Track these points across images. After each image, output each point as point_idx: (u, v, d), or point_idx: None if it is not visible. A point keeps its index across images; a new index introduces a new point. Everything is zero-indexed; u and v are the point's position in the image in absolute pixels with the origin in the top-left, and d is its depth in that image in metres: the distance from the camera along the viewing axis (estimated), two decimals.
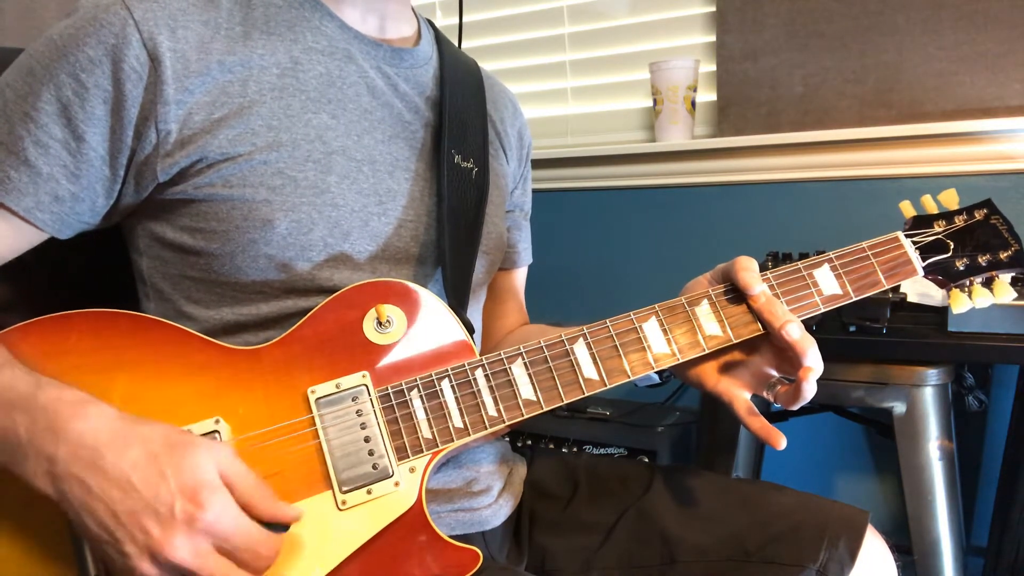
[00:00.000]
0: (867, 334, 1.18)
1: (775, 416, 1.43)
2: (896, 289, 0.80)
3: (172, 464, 0.58)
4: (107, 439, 0.58)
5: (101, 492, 0.57)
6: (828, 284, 0.79)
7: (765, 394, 0.77)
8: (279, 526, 0.62)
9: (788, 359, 0.75)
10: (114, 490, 0.57)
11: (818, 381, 0.73)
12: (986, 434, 1.51)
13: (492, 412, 0.72)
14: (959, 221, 0.82)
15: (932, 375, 1.23)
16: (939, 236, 0.82)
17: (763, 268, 0.78)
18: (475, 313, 0.91)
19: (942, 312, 1.17)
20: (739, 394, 0.78)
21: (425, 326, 0.74)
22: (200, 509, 0.56)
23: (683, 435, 1.58)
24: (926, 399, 1.24)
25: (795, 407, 0.73)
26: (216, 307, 0.75)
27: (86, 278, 0.87)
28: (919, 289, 1.19)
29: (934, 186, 1.45)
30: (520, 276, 1.07)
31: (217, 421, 0.67)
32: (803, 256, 1.31)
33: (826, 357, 0.74)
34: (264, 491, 0.61)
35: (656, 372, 0.76)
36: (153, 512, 0.56)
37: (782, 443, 0.74)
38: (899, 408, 1.26)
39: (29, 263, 0.74)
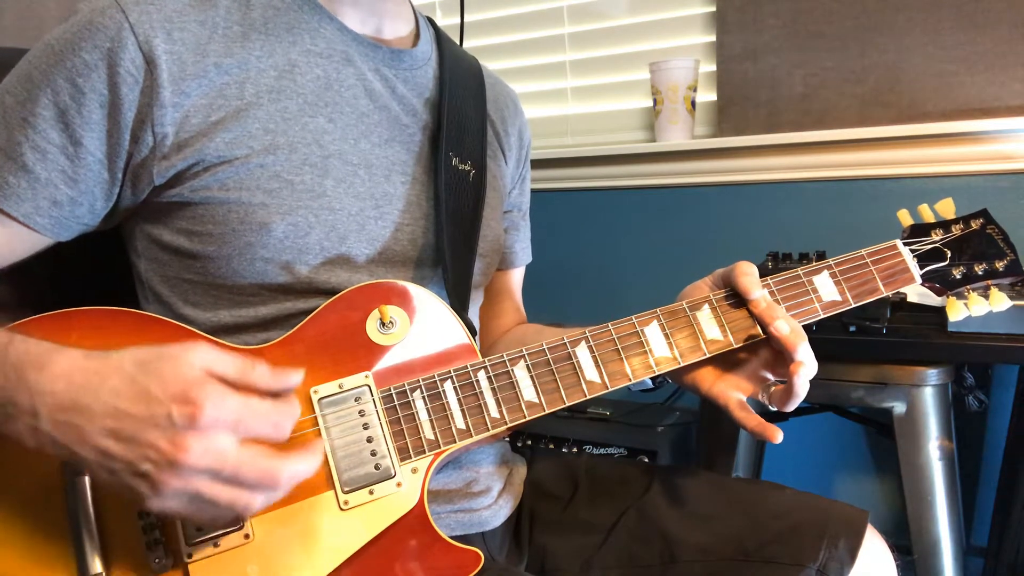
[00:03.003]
0: (867, 334, 1.19)
1: (775, 417, 1.43)
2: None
3: (152, 378, 0.55)
4: (81, 379, 0.56)
5: (94, 427, 0.55)
6: (827, 290, 0.79)
7: (760, 397, 0.77)
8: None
9: (784, 361, 0.75)
10: (107, 420, 0.55)
11: (818, 381, 0.73)
12: (986, 434, 1.51)
13: (494, 413, 0.72)
14: (956, 230, 0.83)
15: (932, 375, 1.23)
16: (936, 245, 0.82)
17: (763, 268, 0.78)
18: (473, 314, 0.91)
19: (942, 312, 1.17)
20: (735, 396, 0.78)
21: (428, 327, 0.74)
22: (197, 407, 0.54)
23: (683, 435, 1.58)
24: (926, 399, 1.24)
25: (789, 407, 0.74)
26: (213, 309, 0.75)
27: (86, 280, 0.87)
28: (919, 289, 1.19)
29: (934, 186, 1.46)
30: (517, 276, 1.07)
31: None
32: (803, 256, 1.31)
33: (826, 357, 0.74)
34: (257, 367, 0.59)
35: (650, 377, 0.76)
36: (154, 427, 0.54)
37: (778, 436, 0.74)
38: (899, 408, 1.26)
39: (29, 265, 0.74)
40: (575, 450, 1.61)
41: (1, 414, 0.58)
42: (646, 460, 1.56)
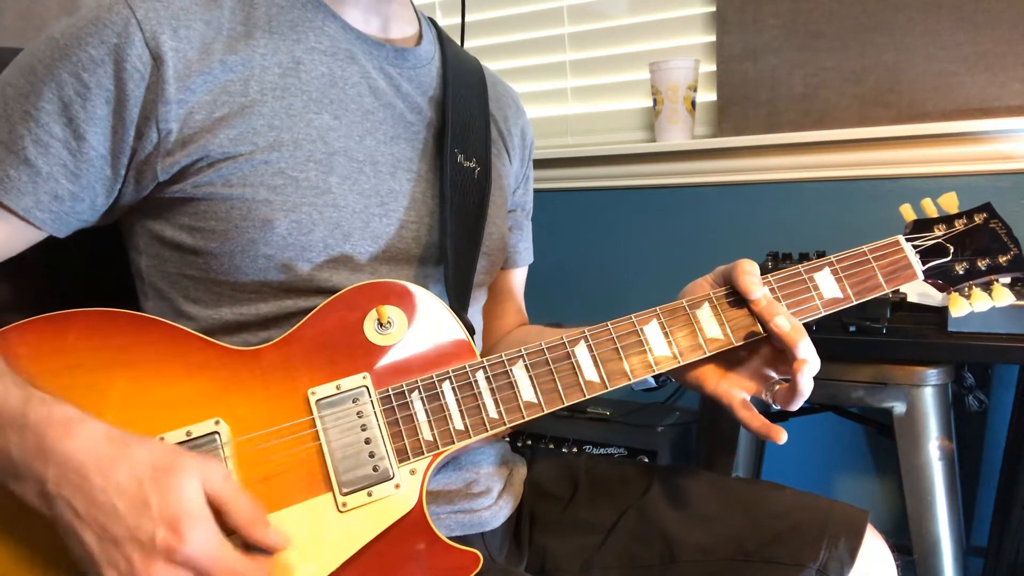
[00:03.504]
0: (867, 334, 1.19)
1: (775, 417, 1.43)
2: (896, 289, 0.81)
3: (156, 491, 0.57)
4: (94, 462, 0.58)
5: (87, 516, 0.57)
6: (829, 287, 0.79)
7: (764, 396, 0.77)
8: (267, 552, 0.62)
9: (786, 359, 0.75)
10: (100, 515, 0.57)
11: (818, 381, 0.73)
12: (986, 434, 1.51)
13: (493, 414, 0.72)
14: (959, 225, 0.83)
15: (932, 375, 1.23)
16: (939, 240, 0.82)
17: (763, 268, 0.78)
18: (475, 314, 0.91)
19: (942, 312, 1.17)
20: (738, 396, 0.78)
21: (426, 327, 0.74)
22: (180, 541, 0.56)
23: (683, 435, 1.58)
24: (926, 399, 1.24)
25: (794, 406, 0.73)
26: (215, 306, 0.75)
27: (85, 277, 0.87)
28: (919, 289, 1.19)
29: (934, 186, 1.46)
30: (520, 276, 1.06)
31: (217, 422, 0.66)
32: (803, 256, 1.31)
33: (826, 357, 0.74)
34: (255, 513, 0.61)
35: (652, 376, 0.76)
36: (135, 541, 0.56)
37: (783, 437, 0.74)
38: (899, 408, 1.26)
39: (28, 262, 0.74)
40: (575, 450, 1.61)
41: (13, 473, 0.59)
42: (646, 460, 1.55)
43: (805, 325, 0.75)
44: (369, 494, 0.67)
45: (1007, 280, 0.83)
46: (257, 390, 0.69)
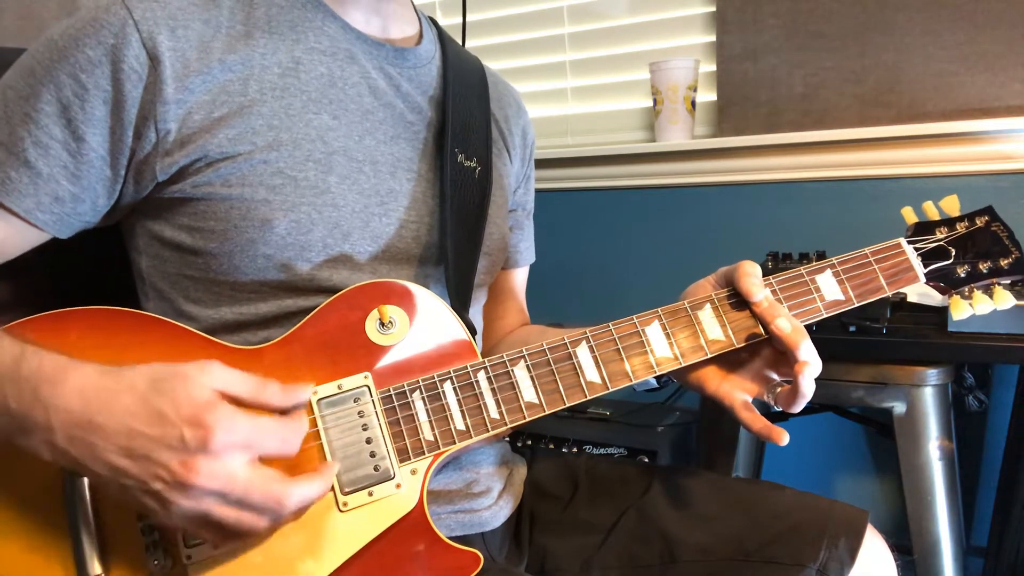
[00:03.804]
0: (867, 334, 1.19)
1: (776, 417, 1.43)
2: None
3: (165, 399, 0.57)
4: (94, 396, 0.57)
5: (109, 445, 0.56)
6: (830, 289, 0.79)
7: (766, 397, 0.77)
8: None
9: (787, 360, 0.75)
10: (120, 439, 0.56)
11: (818, 381, 0.73)
12: (986, 434, 1.51)
13: (494, 414, 0.72)
14: (960, 228, 0.83)
15: (932, 375, 1.23)
16: (941, 243, 0.82)
17: (763, 268, 0.78)
18: (476, 313, 0.91)
19: (942, 312, 1.17)
20: (739, 397, 0.78)
21: (427, 327, 0.74)
22: (208, 430, 0.55)
23: (683, 435, 1.58)
24: (926, 399, 1.24)
25: (795, 408, 0.73)
26: (215, 306, 0.75)
27: (86, 277, 0.87)
28: (920, 289, 1.19)
29: (934, 186, 1.46)
30: (521, 276, 1.06)
31: None
32: (803, 256, 1.31)
33: (826, 357, 0.74)
34: (268, 385, 0.61)
35: (654, 377, 0.76)
36: (166, 447, 0.56)
37: (784, 438, 0.74)
38: (899, 408, 1.26)
39: (29, 262, 0.74)
40: (575, 450, 1.61)
41: (17, 429, 0.59)
42: (646, 460, 1.55)
43: (806, 326, 0.75)
44: (370, 494, 0.67)
45: (1008, 282, 0.83)
46: None
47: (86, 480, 0.64)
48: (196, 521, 0.58)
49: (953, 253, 0.82)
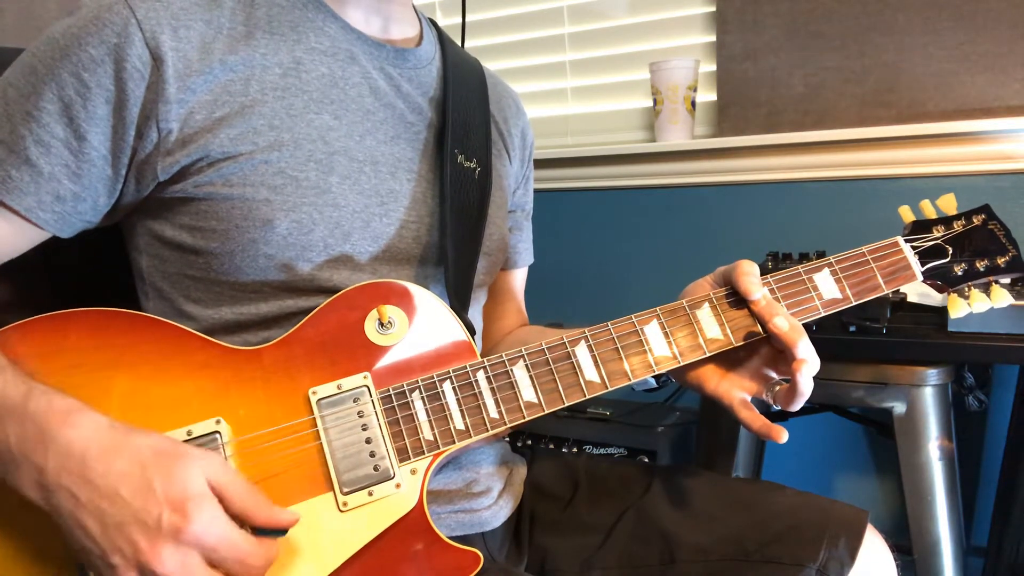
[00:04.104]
0: (867, 334, 1.19)
1: (775, 416, 1.43)
2: (896, 289, 0.81)
3: (160, 475, 0.57)
4: (96, 450, 0.58)
5: (89, 503, 0.56)
6: (828, 288, 0.79)
7: (765, 396, 0.77)
8: (277, 531, 0.62)
9: (786, 359, 0.75)
10: (102, 501, 0.56)
11: (818, 381, 0.73)
12: (986, 434, 1.51)
13: (493, 414, 0.72)
14: (957, 226, 0.83)
15: (932, 375, 1.23)
16: (938, 241, 0.82)
17: (763, 268, 0.78)
18: (475, 314, 0.91)
19: (942, 312, 1.17)
20: (738, 396, 0.78)
21: (427, 327, 0.74)
22: (186, 520, 0.56)
23: (683, 435, 1.58)
24: (926, 399, 1.24)
25: (794, 407, 0.73)
26: (215, 306, 0.75)
27: (86, 277, 0.87)
28: (919, 289, 1.19)
29: (934, 186, 1.46)
30: (520, 276, 1.07)
31: (218, 422, 0.67)
32: (803, 256, 1.31)
33: (826, 357, 0.74)
34: (257, 497, 0.61)
35: (653, 376, 0.76)
36: (140, 523, 0.56)
37: (783, 437, 0.74)
38: (899, 408, 1.26)
39: (29, 262, 0.74)
40: (575, 450, 1.61)
41: (10, 463, 0.59)
42: (646, 460, 1.55)
43: (805, 325, 0.75)
44: (370, 493, 0.67)
45: (1006, 281, 0.83)
46: (258, 390, 0.69)
47: None
48: None
49: (950, 251, 0.82)
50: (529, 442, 1.65)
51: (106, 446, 0.58)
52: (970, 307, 0.82)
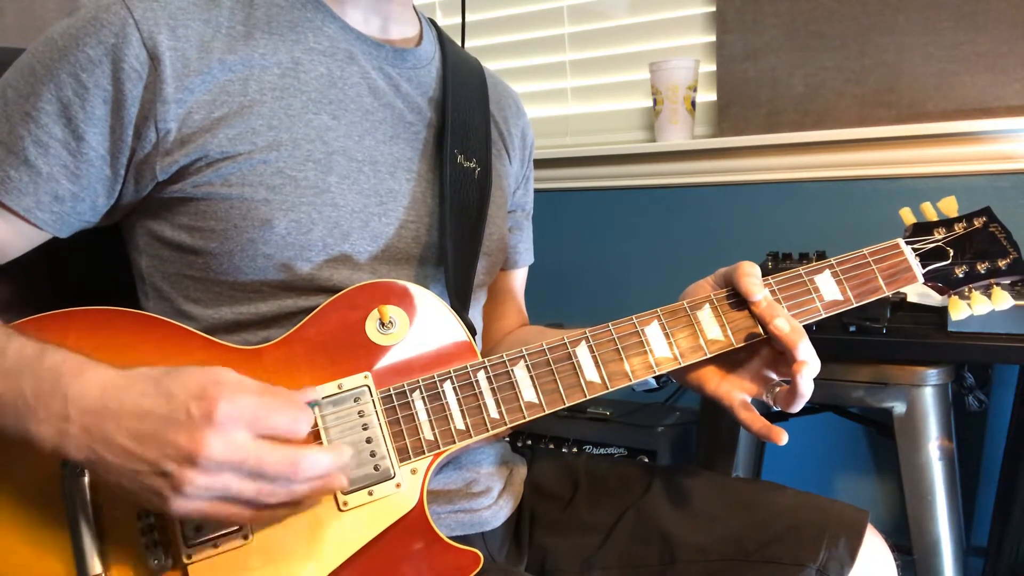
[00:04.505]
0: (867, 334, 1.19)
1: (776, 417, 1.43)
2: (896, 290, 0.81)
3: (174, 381, 0.58)
4: (111, 386, 0.59)
5: (119, 430, 0.57)
6: (829, 290, 0.79)
7: (765, 397, 0.77)
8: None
9: (786, 360, 0.75)
10: (131, 421, 0.57)
11: (818, 381, 0.73)
12: (986, 434, 1.51)
13: (494, 414, 0.72)
14: (958, 229, 0.83)
15: (932, 375, 1.23)
16: (939, 243, 0.82)
17: (763, 268, 0.78)
18: (475, 314, 0.91)
19: (942, 312, 1.17)
20: (739, 397, 0.78)
21: (427, 327, 0.74)
22: (213, 402, 0.56)
23: (683, 435, 1.58)
24: (926, 399, 1.24)
25: (794, 408, 0.73)
26: (215, 306, 0.75)
27: (86, 277, 0.87)
28: (919, 289, 1.19)
29: (934, 186, 1.46)
30: (520, 276, 1.06)
31: None
32: (803, 256, 1.31)
33: (826, 357, 0.74)
34: (276, 387, 0.61)
35: (654, 377, 0.76)
36: (174, 423, 0.56)
37: (783, 438, 0.74)
38: (899, 408, 1.26)
39: (29, 262, 0.74)
40: (575, 450, 1.61)
41: (30, 418, 0.59)
42: (646, 460, 1.55)
43: (805, 326, 0.75)
44: (370, 493, 0.67)
45: (1007, 283, 0.83)
46: None
47: (86, 478, 0.64)
48: (213, 500, 0.57)
49: (951, 254, 0.82)
50: (529, 442, 1.65)
51: (119, 380, 0.59)
52: (971, 309, 0.82)
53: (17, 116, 0.68)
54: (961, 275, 0.82)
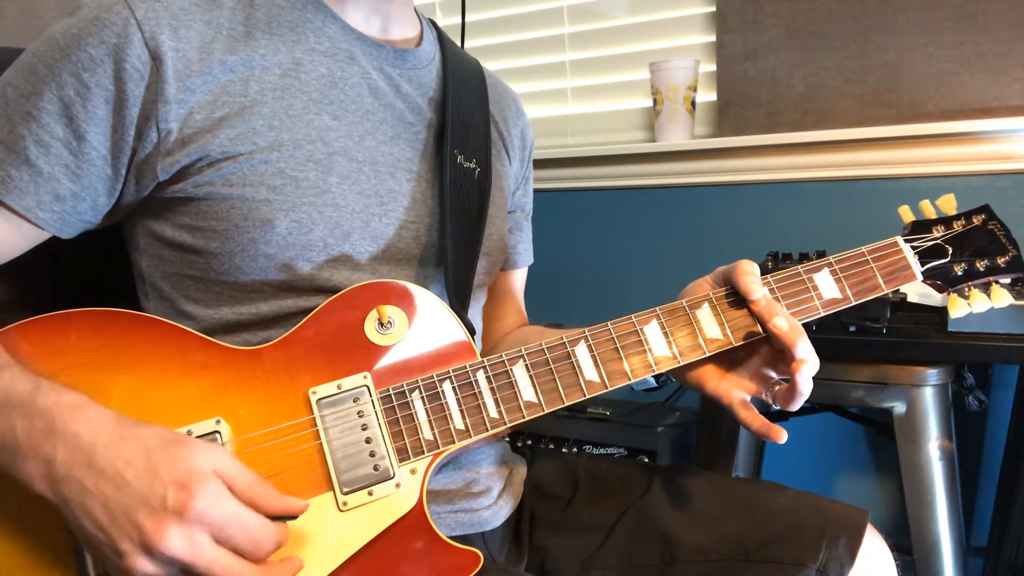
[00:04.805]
0: (867, 334, 1.19)
1: (775, 416, 1.43)
2: (896, 289, 0.81)
3: (165, 459, 0.57)
4: (104, 439, 0.58)
5: (96, 490, 0.57)
6: (828, 288, 0.79)
7: (764, 396, 0.77)
8: (286, 518, 0.62)
9: (786, 359, 0.75)
10: (109, 487, 0.57)
11: (818, 381, 0.73)
12: (986, 434, 1.51)
13: (493, 414, 0.72)
14: (957, 226, 0.83)
15: (932, 375, 1.23)
16: (938, 241, 0.82)
17: (763, 268, 0.78)
18: (475, 314, 0.91)
19: (942, 312, 1.17)
20: (738, 396, 0.78)
21: (426, 327, 0.74)
22: (191, 497, 0.56)
23: (683, 435, 1.58)
24: (926, 399, 1.24)
25: (793, 407, 0.73)
26: (215, 306, 0.75)
27: (86, 277, 0.87)
28: (919, 289, 1.19)
29: (934, 186, 1.46)
30: (520, 277, 1.07)
31: (218, 422, 0.67)
32: (803, 256, 1.31)
33: (826, 357, 0.74)
34: (264, 487, 0.61)
35: (653, 376, 0.76)
36: (146, 506, 0.56)
37: (783, 437, 0.74)
38: (899, 408, 1.26)
39: (29, 262, 0.74)
40: (575, 450, 1.61)
41: (17, 456, 0.59)
42: (646, 460, 1.55)
43: (805, 325, 0.75)
44: (370, 493, 0.67)
45: (1006, 281, 0.83)
46: (258, 389, 0.69)
47: None
48: None
49: (950, 251, 0.82)
50: (529, 442, 1.65)
51: (113, 436, 0.58)
52: (970, 307, 0.82)
53: (18, 115, 0.68)
54: (960, 273, 0.82)
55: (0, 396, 0.60)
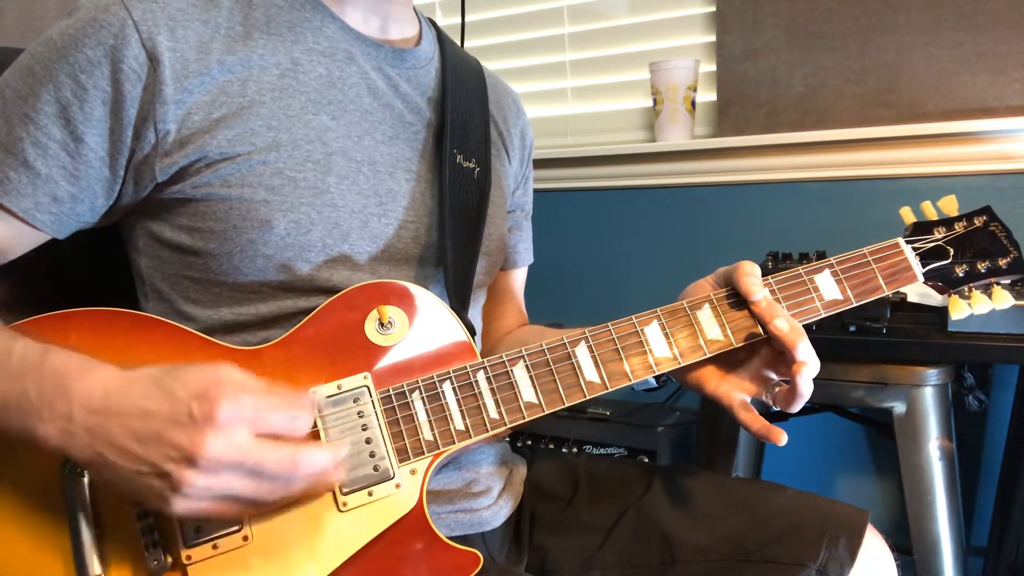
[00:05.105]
0: (867, 334, 1.19)
1: (775, 417, 1.43)
2: (896, 290, 0.81)
3: (176, 381, 0.58)
4: (115, 385, 0.59)
5: (123, 428, 0.57)
6: (829, 289, 0.79)
7: (765, 397, 0.77)
8: None
9: (786, 360, 0.75)
10: (135, 422, 0.57)
11: (818, 381, 0.73)
12: (986, 434, 1.51)
13: (493, 414, 0.72)
14: (959, 228, 0.83)
15: (932, 375, 1.23)
16: (939, 242, 0.82)
17: (763, 268, 0.78)
18: (475, 314, 0.91)
19: (942, 312, 1.17)
20: (738, 397, 0.78)
21: (427, 328, 0.74)
22: (215, 402, 0.56)
23: (683, 435, 1.58)
24: (926, 399, 1.24)
25: (794, 408, 0.73)
26: (214, 307, 0.75)
27: (86, 277, 0.87)
28: (919, 289, 1.19)
29: (934, 186, 1.46)
30: (520, 276, 1.06)
31: None
32: (803, 256, 1.31)
33: (826, 357, 0.74)
34: (276, 386, 0.61)
35: (654, 376, 0.76)
36: (175, 424, 0.56)
37: (783, 439, 0.74)
38: (899, 408, 1.26)
39: (28, 262, 0.74)
40: (575, 450, 1.61)
41: (33, 417, 0.59)
42: (646, 460, 1.55)
43: (805, 326, 0.75)
44: (370, 494, 0.67)
45: (1007, 282, 0.83)
46: None
47: (85, 478, 0.64)
48: (213, 500, 0.58)
49: (951, 253, 0.82)
50: (529, 442, 1.65)
51: (123, 381, 0.59)
52: (971, 308, 0.82)
53: (16, 117, 0.68)
54: (961, 274, 0.82)
55: (14, 362, 0.61)
